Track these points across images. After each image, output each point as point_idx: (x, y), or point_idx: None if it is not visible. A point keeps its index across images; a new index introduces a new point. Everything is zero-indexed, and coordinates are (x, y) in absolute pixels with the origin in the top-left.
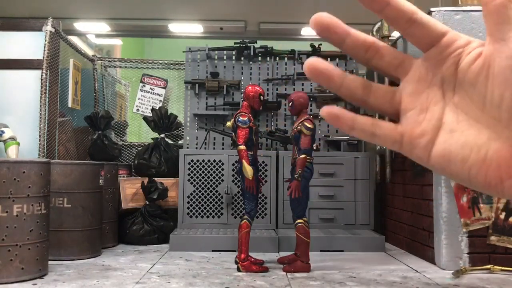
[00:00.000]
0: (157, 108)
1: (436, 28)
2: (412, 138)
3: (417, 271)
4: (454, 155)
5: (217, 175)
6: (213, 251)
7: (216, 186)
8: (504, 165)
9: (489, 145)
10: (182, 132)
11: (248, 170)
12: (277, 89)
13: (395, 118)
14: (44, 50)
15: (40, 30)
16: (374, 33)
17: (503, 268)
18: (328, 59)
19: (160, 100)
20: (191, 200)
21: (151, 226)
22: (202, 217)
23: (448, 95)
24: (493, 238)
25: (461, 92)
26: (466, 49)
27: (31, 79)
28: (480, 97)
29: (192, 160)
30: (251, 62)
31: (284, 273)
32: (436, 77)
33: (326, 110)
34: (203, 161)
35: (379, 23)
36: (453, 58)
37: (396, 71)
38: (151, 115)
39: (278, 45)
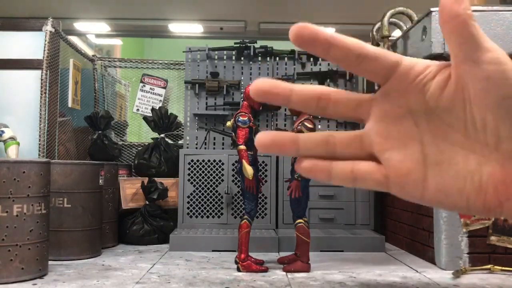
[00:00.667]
0: (157, 108)
1: (389, 58)
2: (399, 178)
3: (417, 271)
4: (450, 187)
5: (217, 175)
6: (213, 251)
7: (216, 186)
8: (501, 188)
9: (481, 170)
10: (182, 132)
11: (248, 170)
12: None
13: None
14: (44, 50)
15: (40, 30)
16: (374, 33)
17: (503, 268)
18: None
19: (160, 100)
20: (191, 200)
21: (151, 226)
22: (202, 217)
23: (422, 125)
24: (493, 238)
25: (436, 120)
26: (428, 75)
27: (31, 79)
28: (460, 123)
29: (192, 160)
30: (251, 62)
31: (284, 273)
32: (402, 109)
33: (297, 166)
34: (203, 161)
35: (379, 23)
36: (416, 86)
37: (356, 113)
38: (151, 115)
39: (278, 45)
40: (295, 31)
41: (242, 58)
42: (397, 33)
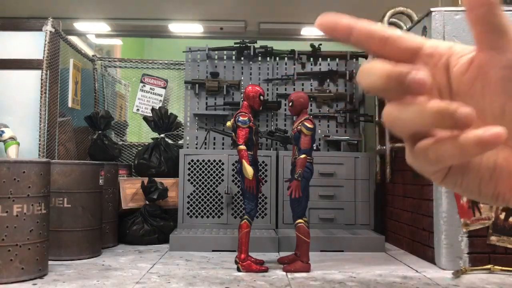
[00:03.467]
0: (157, 108)
1: (411, 39)
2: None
3: (417, 271)
4: (466, 167)
5: (217, 175)
6: (213, 251)
7: (216, 186)
8: None
9: (497, 153)
10: (182, 132)
11: (248, 170)
12: (277, 89)
13: None
14: (44, 50)
15: (40, 30)
16: None
17: (503, 268)
18: (328, 59)
19: (160, 100)
20: (191, 200)
21: (151, 226)
22: (202, 217)
23: None
24: (493, 238)
25: (459, 101)
26: (453, 55)
27: (31, 79)
28: (479, 108)
29: (192, 160)
30: (251, 62)
31: (284, 273)
32: (433, 88)
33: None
34: (203, 161)
35: (379, 23)
36: (441, 66)
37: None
38: (151, 115)
39: (278, 45)
40: (318, 22)
41: (242, 58)
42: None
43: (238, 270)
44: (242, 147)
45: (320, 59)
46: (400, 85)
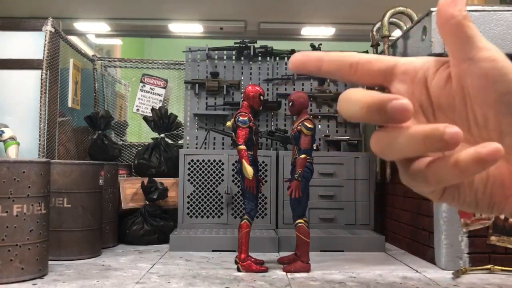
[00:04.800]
0: (157, 108)
1: (383, 60)
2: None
3: (417, 271)
4: (461, 182)
5: (217, 175)
6: (213, 251)
7: (216, 186)
8: (508, 181)
9: None
10: (182, 132)
11: (248, 170)
12: (277, 89)
13: None
14: (44, 50)
15: (40, 30)
16: (374, 33)
17: (503, 268)
18: None
19: (160, 100)
20: (191, 200)
21: (151, 226)
22: (202, 217)
23: (431, 120)
24: (493, 238)
25: (442, 116)
26: (429, 69)
27: (31, 79)
28: (462, 120)
29: (192, 160)
30: (251, 62)
31: (284, 273)
32: (415, 105)
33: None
34: (203, 161)
35: (379, 23)
36: (418, 81)
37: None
38: (151, 115)
39: (278, 45)
40: (290, 61)
41: (242, 58)
42: (397, 33)
43: (238, 270)
44: (242, 147)
45: None
46: (382, 115)
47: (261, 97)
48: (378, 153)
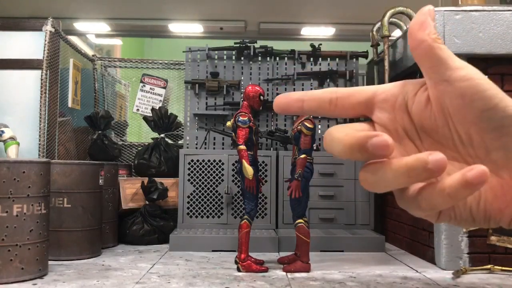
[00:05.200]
0: (157, 108)
1: (362, 92)
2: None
3: (417, 271)
4: None
5: (217, 175)
6: (213, 251)
7: (216, 186)
8: (500, 194)
9: None
10: (182, 132)
11: (248, 170)
12: (277, 89)
13: None
14: (44, 50)
15: (40, 30)
16: (374, 33)
17: (503, 268)
18: (328, 59)
19: (160, 100)
20: (191, 200)
21: (151, 226)
22: (202, 217)
23: (418, 143)
24: (493, 238)
25: (428, 138)
26: (408, 93)
27: (31, 79)
28: (447, 140)
29: (192, 160)
30: (251, 62)
31: (284, 273)
32: (399, 131)
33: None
34: (203, 161)
35: (379, 23)
36: (399, 107)
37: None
38: (151, 115)
39: (278, 45)
40: (274, 103)
41: (242, 58)
42: (397, 33)
43: (238, 270)
44: (242, 147)
45: (320, 59)
46: (364, 154)
47: (261, 97)
48: (368, 189)
